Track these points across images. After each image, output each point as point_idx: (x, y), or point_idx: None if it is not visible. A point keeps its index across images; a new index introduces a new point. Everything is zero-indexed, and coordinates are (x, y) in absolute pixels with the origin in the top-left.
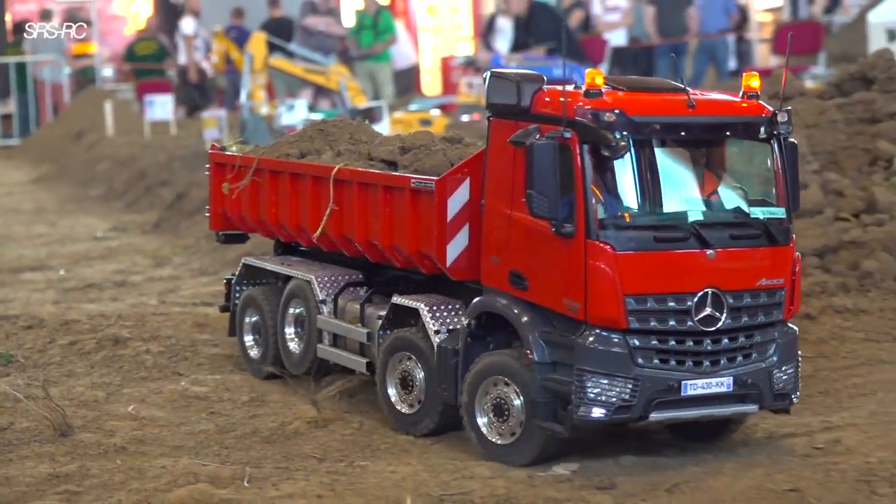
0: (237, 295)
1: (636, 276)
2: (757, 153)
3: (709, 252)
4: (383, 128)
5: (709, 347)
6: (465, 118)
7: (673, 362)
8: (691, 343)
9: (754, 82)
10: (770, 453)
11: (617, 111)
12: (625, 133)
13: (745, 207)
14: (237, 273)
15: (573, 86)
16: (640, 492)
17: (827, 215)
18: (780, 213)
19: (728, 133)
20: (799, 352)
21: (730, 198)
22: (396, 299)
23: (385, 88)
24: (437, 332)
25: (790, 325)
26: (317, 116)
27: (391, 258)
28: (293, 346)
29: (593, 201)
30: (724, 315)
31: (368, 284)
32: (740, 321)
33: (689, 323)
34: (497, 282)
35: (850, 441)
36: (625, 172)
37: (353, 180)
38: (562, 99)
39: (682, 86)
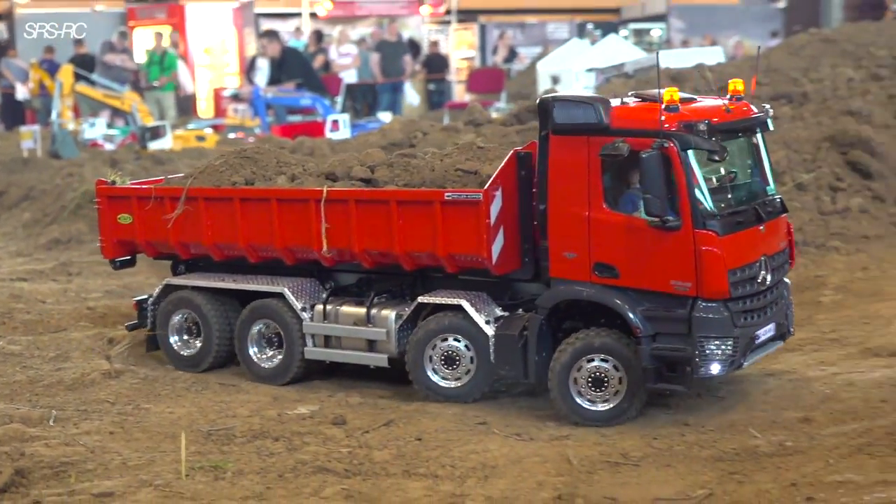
0: (153, 312)
1: (732, 254)
2: (759, 142)
3: (761, 227)
4: (166, 142)
5: (766, 302)
6: (231, 136)
7: (751, 318)
8: (758, 301)
9: (740, 87)
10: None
11: (705, 122)
12: (718, 139)
13: (765, 188)
14: (156, 294)
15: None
16: (365, 425)
17: None
18: (775, 188)
19: (757, 128)
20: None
21: (756, 181)
22: (425, 299)
23: (169, 112)
24: (487, 322)
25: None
26: (113, 132)
27: (401, 263)
28: (266, 363)
29: (698, 197)
30: (770, 274)
31: (342, 289)
32: (776, 277)
33: (756, 285)
34: (576, 274)
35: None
36: (710, 171)
37: (374, 199)
38: (662, 118)
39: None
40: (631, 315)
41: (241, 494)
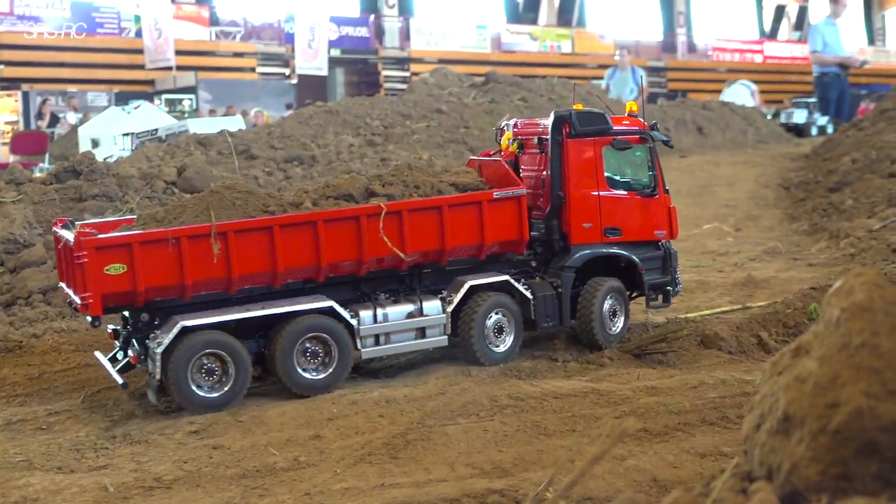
0: (163, 359)
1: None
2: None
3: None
4: None
5: None
6: None
7: None
8: None
9: (635, 108)
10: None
11: (655, 123)
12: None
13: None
14: (169, 340)
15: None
16: None
17: (49, 265)
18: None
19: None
20: None
21: None
22: (474, 282)
23: None
24: (526, 289)
25: None
26: None
27: (440, 259)
28: (315, 375)
29: (660, 175)
30: None
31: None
32: None
33: None
34: (591, 238)
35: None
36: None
37: (426, 207)
38: (647, 123)
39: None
40: (636, 259)
41: None
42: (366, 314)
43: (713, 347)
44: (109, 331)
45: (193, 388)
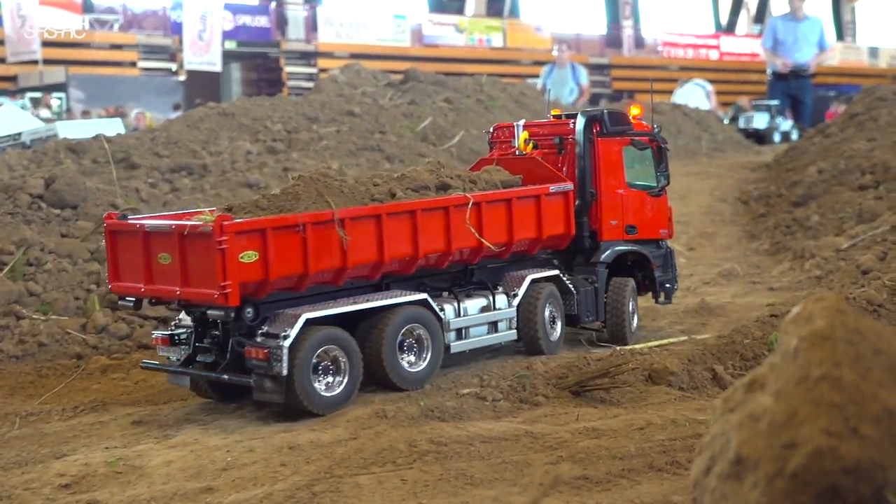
0: (292, 354)
1: None
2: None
3: None
4: None
5: None
6: None
7: None
8: None
9: (638, 111)
10: None
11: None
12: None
13: None
14: (295, 334)
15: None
16: None
17: None
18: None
19: None
20: None
21: None
22: (534, 275)
23: None
24: (570, 283)
25: None
26: None
27: (502, 254)
28: (415, 368)
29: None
30: None
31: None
32: None
33: None
34: (617, 235)
35: None
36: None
37: (497, 199)
38: (654, 127)
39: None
40: (651, 257)
41: None
42: (449, 307)
43: (662, 383)
44: (157, 336)
45: (316, 385)
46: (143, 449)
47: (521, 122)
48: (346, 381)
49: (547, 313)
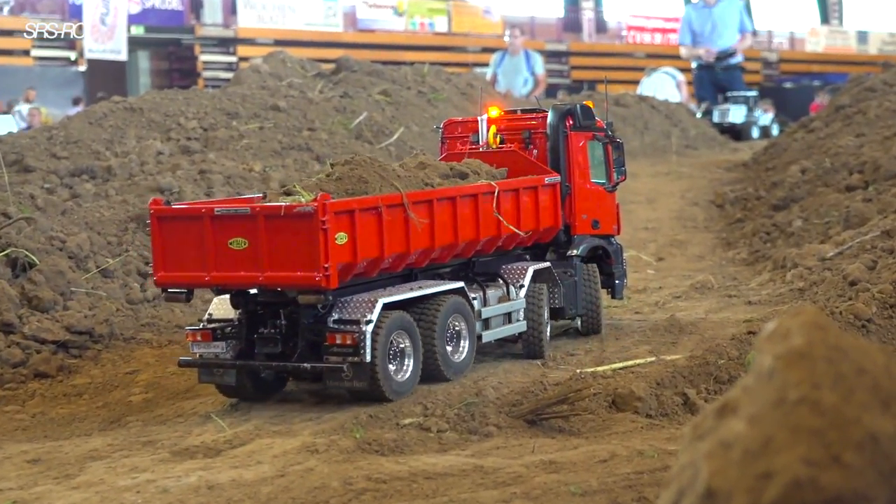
0: (374, 339)
1: None
2: None
3: None
4: None
5: None
6: None
7: None
8: None
9: (591, 105)
10: None
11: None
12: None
13: None
14: (376, 317)
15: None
16: None
17: None
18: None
19: None
20: None
21: None
22: (535, 267)
23: None
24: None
25: None
26: None
27: (534, 238)
28: (457, 357)
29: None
30: None
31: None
32: None
33: None
34: (585, 229)
35: None
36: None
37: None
38: (606, 122)
39: None
40: (611, 252)
41: None
42: (475, 298)
43: (627, 409)
44: (192, 330)
45: (391, 371)
46: (42, 491)
47: (485, 116)
48: (411, 366)
49: (546, 313)
